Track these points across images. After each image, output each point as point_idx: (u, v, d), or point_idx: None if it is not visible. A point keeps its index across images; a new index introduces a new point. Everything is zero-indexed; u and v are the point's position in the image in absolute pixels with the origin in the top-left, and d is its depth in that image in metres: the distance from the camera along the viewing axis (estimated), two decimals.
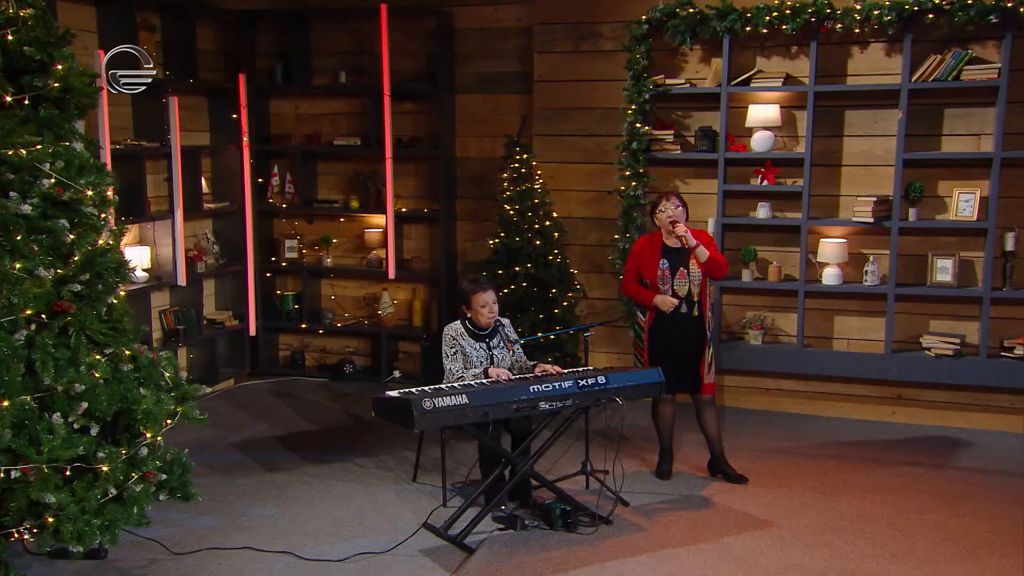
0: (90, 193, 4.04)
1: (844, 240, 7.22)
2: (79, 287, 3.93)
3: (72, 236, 4.01)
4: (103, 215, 4.25)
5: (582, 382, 5.30)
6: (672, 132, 7.44)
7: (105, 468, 3.89)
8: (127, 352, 4.15)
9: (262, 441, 6.86)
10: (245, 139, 8.29)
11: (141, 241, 7.65)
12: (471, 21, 8.09)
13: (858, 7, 6.82)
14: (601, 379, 5.37)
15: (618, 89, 7.44)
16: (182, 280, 7.68)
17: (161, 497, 4.42)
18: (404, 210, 8.27)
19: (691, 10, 7.16)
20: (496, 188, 7.74)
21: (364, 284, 8.61)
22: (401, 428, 5.41)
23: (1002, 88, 6.70)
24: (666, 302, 5.89)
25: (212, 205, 8.31)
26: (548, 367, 5.56)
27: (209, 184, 8.48)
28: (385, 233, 8.17)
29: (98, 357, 4.00)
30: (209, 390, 4.63)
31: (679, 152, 7.45)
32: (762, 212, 7.36)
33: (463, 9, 8.08)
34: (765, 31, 7.03)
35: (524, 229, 7.41)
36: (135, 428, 4.04)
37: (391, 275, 8.15)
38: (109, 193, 4.28)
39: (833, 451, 6.71)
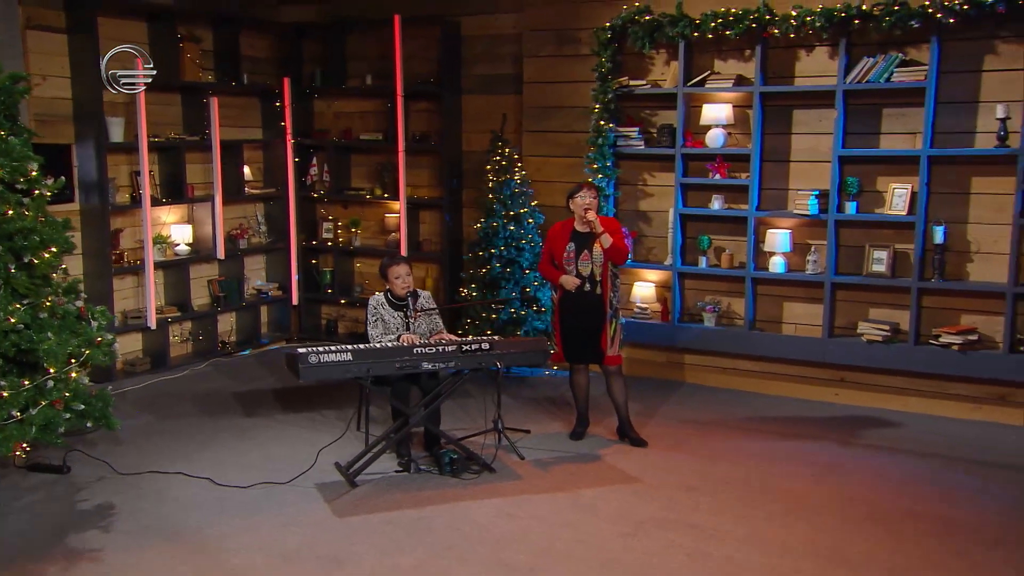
0: None
1: (790, 231, 7.44)
2: None
3: None
4: (36, 191, 5.11)
5: (465, 347, 5.87)
6: (636, 129, 7.82)
7: (5, 395, 4.77)
8: (47, 302, 5.03)
9: (259, 393, 7.71)
10: (288, 135, 9.21)
11: (186, 220, 8.66)
12: (476, 29, 8.69)
13: (794, 14, 7.03)
14: (485, 345, 5.92)
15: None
16: (220, 254, 8.64)
17: (88, 424, 5.31)
18: (416, 197, 8.97)
19: (648, 17, 7.53)
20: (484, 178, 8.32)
21: None
22: (380, 388, 6.02)
23: (929, 89, 6.78)
24: (569, 281, 6.36)
25: (257, 191, 9.27)
26: (444, 334, 6.17)
27: (260, 172, 9.47)
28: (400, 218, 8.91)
29: (18, 306, 4.89)
30: (113, 338, 5.38)
31: (643, 147, 7.83)
32: (716, 204, 7.65)
33: (469, 18, 8.69)
34: (711, 36, 7.33)
35: (501, 216, 7.97)
36: (40, 364, 4.91)
37: (403, 255, 8.86)
38: (33, 172, 5.12)
39: (754, 425, 6.97)
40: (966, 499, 5.59)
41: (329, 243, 9.46)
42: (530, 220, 8.01)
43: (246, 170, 9.08)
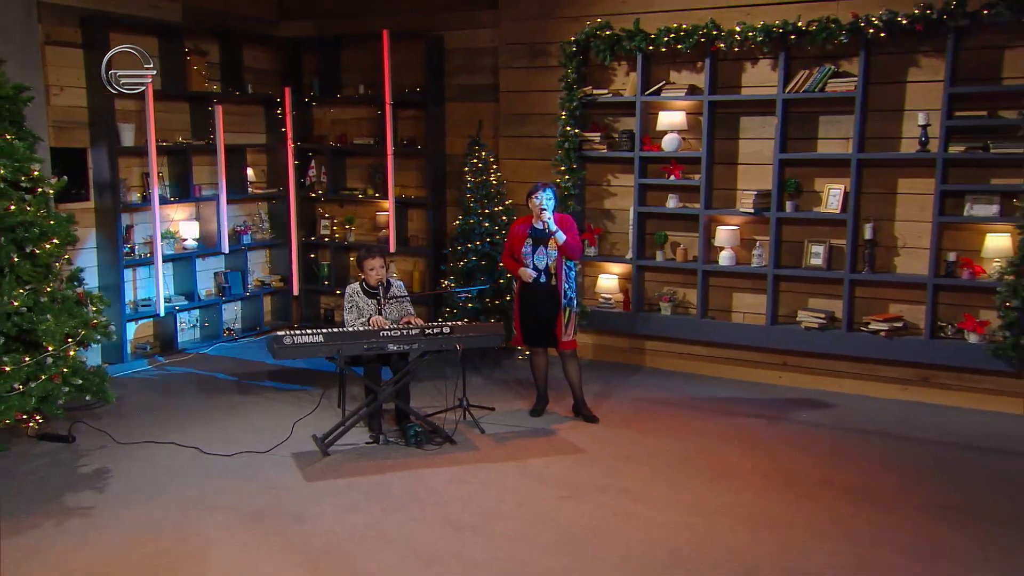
0: (1, 172, 5.28)
1: (737, 227, 7.75)
2: None
3: None
4: (40, 189, 5.49)
5: (427, 331, 6.22)
6: (600, 134, 8.15)
7: (8, 369, 5.18)
8: (48, 288, 5.43)
9: (255, 375, 8.10)
10: (289, 140, 9.60)
11: (193, 217, 9.06)
12: (457, 43, 9.04)
13: (738, 29, 7.33)
14: (446, 329, 6.27)
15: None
16: (226, 249, 9.04)
17: (87, 397, 5.71)
18: (404, 196, 9.34)
19: (608, 32, 7.86)
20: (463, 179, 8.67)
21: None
22: (358, 369, 6.51)
23: (858, 98, 7.07)
24: (526, 273, 6.70)
25: (261, 191, 9.67)
26: (412, 319, 6.53)
27: (264, 174, 9.86)
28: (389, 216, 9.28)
29: (21, 291, 5.29)
30: (108, 321, 5.77)
31: (605, 151, 8.16)
32: (671, 202, 7.97)
33: (451, 33, 9.04)
34: (665, 50, 7.65)
35: (478, 214, 8.32)
36: (40, 342, 5.31)
37: (392, 250, 9.24)
38: (35, 172, 5.50)
39: (701, 404, 7.29)
40: (877, 470, 5.90)
41: (326, 239, 9.85)
42: (503, 218, 8.35)
43: (250, 172, 9.47)
